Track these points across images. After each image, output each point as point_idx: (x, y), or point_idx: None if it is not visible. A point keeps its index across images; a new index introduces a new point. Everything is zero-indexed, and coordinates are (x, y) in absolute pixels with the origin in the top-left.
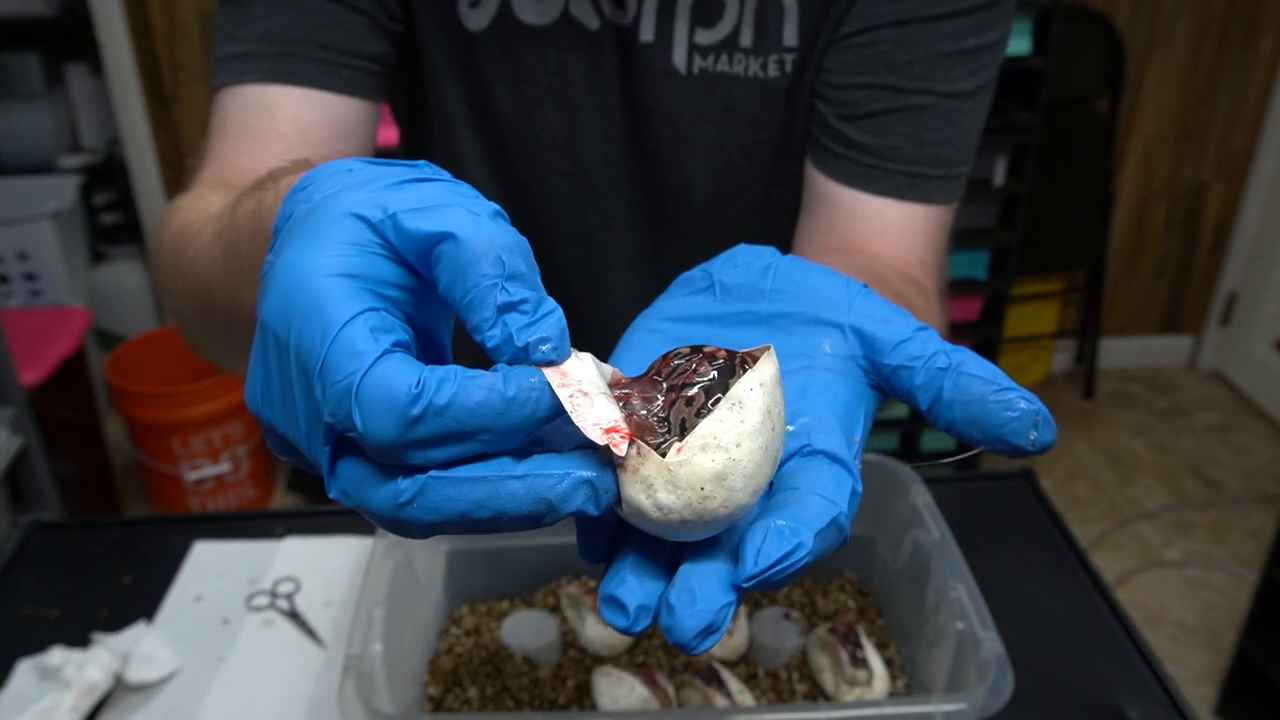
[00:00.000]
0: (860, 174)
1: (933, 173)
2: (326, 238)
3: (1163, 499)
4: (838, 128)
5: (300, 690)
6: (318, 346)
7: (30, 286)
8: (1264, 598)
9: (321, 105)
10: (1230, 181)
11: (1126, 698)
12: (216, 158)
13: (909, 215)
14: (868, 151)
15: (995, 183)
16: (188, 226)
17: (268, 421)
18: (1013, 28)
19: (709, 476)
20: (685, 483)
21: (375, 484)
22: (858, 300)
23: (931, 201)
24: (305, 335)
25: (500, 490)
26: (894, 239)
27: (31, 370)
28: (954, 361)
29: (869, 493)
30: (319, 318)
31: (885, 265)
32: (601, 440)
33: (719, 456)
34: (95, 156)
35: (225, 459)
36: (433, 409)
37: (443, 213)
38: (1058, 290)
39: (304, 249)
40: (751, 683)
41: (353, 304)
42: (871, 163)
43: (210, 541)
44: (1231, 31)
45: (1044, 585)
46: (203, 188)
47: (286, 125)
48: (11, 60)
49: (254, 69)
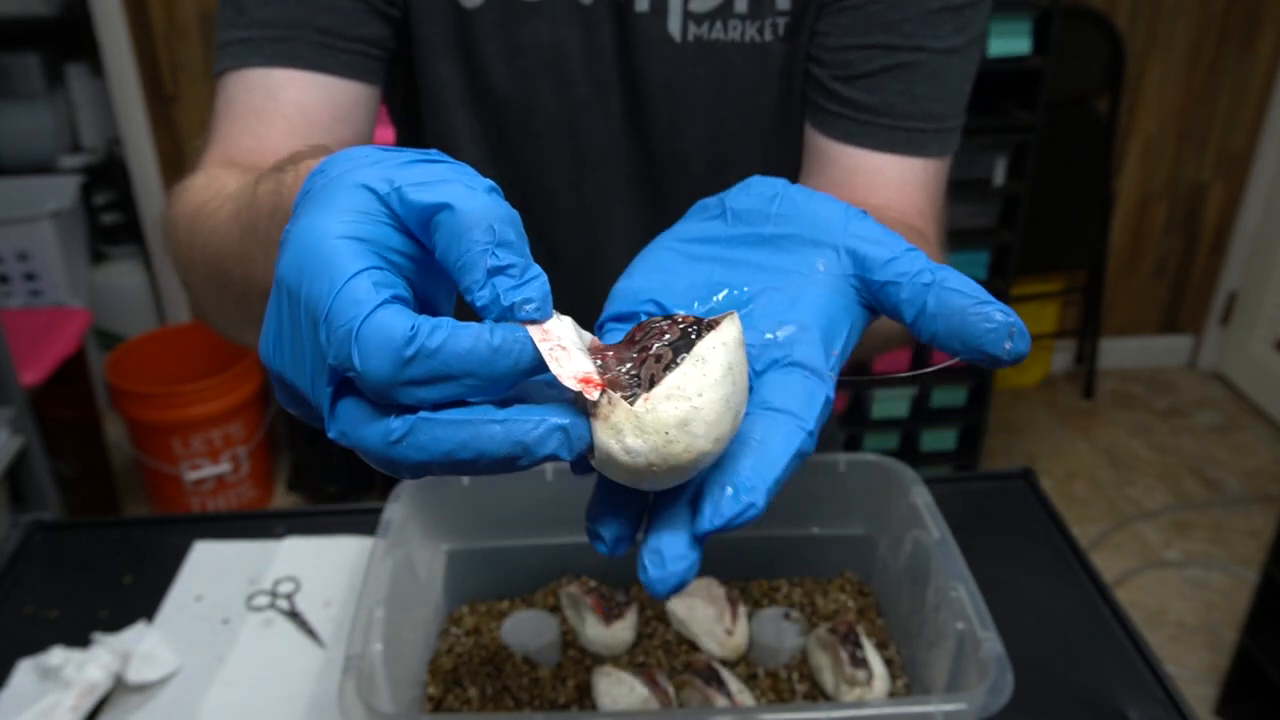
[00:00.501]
0: (857, 130)
1: (926, 126)
2: (339, 205)
3: (1162, 499)
4: (834, 89)
5: (300, 690)
6: (325, 298)
7: (30, 286)
8: (1264, 598)
9: (323, 88)
10: (1230, 181)
11: (1126, 697)
12: (222, 139)
13: (907, 169)
14: (864, 109)
15: (995, 183)
16: (205, 204)
17: (278, 370)
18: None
19: (673, 423)
20: (651, 428)
21: (370, 422)
22: (854, 223)
23: (927, 154)
24: (314, 288)
25: (482, 432)
26: (894, 192)
27: (32, 370)
28: (938, 277)
29: (869, 493)
30: (328, 273)
31: (886, 216)
32: (576, 387)
33: (682, 405)
34: (95, 156)
35: (225, 459)
36: (424, 351)
37: (442, 186)
38: (1058, 290)
39: (318, 215)
40: (751, 683)
41: (358, 261)
42: (867, 119)
43: (210, 541)
44: (1231, 31)
45: (1044, 585)
46: (213, 168)
47: (290, 107)
48: (12, 60)
49: (256, 53)
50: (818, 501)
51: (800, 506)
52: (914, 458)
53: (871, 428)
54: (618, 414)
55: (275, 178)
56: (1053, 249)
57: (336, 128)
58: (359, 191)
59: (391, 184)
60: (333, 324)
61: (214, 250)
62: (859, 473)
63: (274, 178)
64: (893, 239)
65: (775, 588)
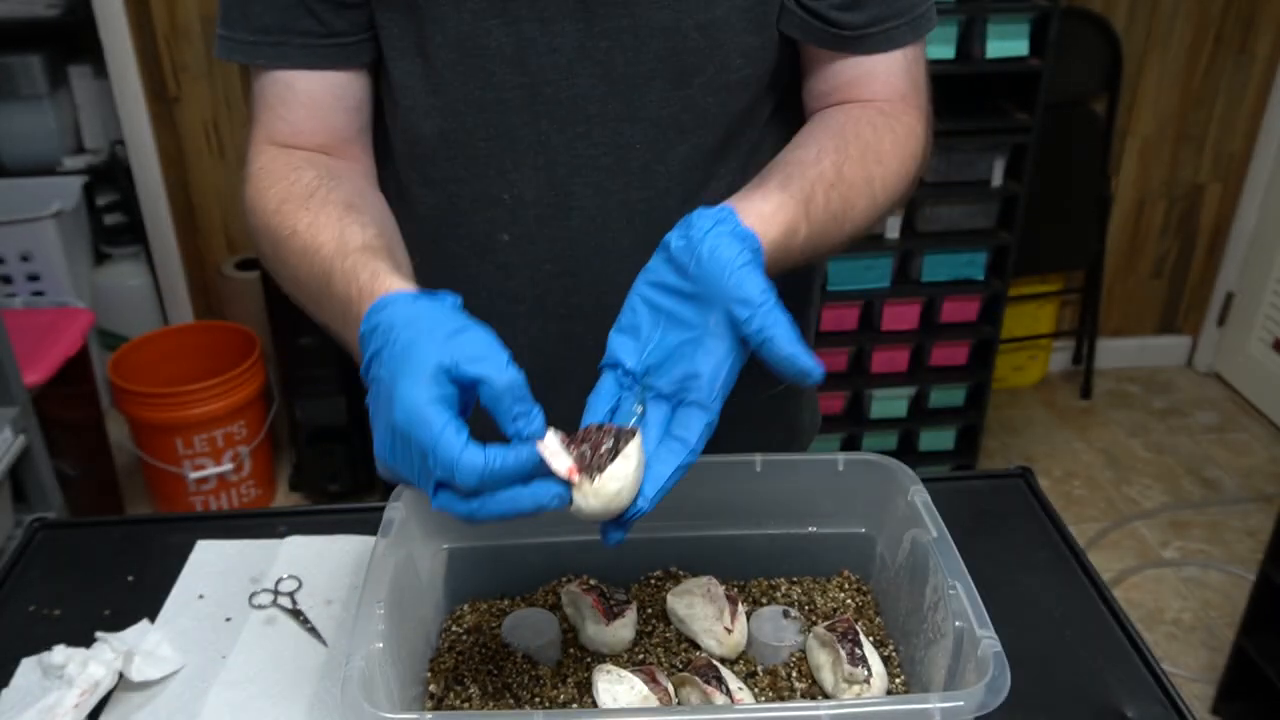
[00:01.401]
0: (847, 42)
1: (900, 21)
2: (422, 377)
3: (1160, 498)
4: (831, 16)
5: (302, 688)
6: (428, 442)
7: (33, 287)
8: (1260, 597)
9: (321, 79)
10: (1227, 182)
11: (1124, 696)
12: (263, 124)
13: (889, 62)
14: (850, 27)
15: (993, 183)
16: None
17: (392, 467)
18: None
19: (612, 493)
20: (601, 496)
21: (459, 502)
22: (733, 282)
23: (905, 44)
24: (420, 435)
25: (520, 501)
26: (880, 85)
27: (34, 370)
28: (768, 336)
29: (867, 492)
30: (427, 427)
31: (866, 116)
32: (565, 475)
33: (616, 482)
34: (98, 157)
35: (227, 458)
36: (490, 470)
37: (481, 364)
38: (1055, 290)
39: (410, 385)
40: (751, 681)
41: (443, 416)
42: (853, 34)
43: (213, 540)
44: (1229, 33)
45: (1042, 584)
46: (272, 151)
47: (303, 96)
48: (15, 61)
49: (259, 55)
50: (817, 500)
51: (799, 505)
52: (912, 457)
53: (870, 427)
54: (584, 488)
55: (344, 290)
56: (1051, 249)
57: (342, 113)
58: (433, 368)
59: (452, 360)
60: (437, 458)
61: (290, 282)
62: (858, 472)
63: (343, 288)
64: (759, 294)
65: (774, 586)
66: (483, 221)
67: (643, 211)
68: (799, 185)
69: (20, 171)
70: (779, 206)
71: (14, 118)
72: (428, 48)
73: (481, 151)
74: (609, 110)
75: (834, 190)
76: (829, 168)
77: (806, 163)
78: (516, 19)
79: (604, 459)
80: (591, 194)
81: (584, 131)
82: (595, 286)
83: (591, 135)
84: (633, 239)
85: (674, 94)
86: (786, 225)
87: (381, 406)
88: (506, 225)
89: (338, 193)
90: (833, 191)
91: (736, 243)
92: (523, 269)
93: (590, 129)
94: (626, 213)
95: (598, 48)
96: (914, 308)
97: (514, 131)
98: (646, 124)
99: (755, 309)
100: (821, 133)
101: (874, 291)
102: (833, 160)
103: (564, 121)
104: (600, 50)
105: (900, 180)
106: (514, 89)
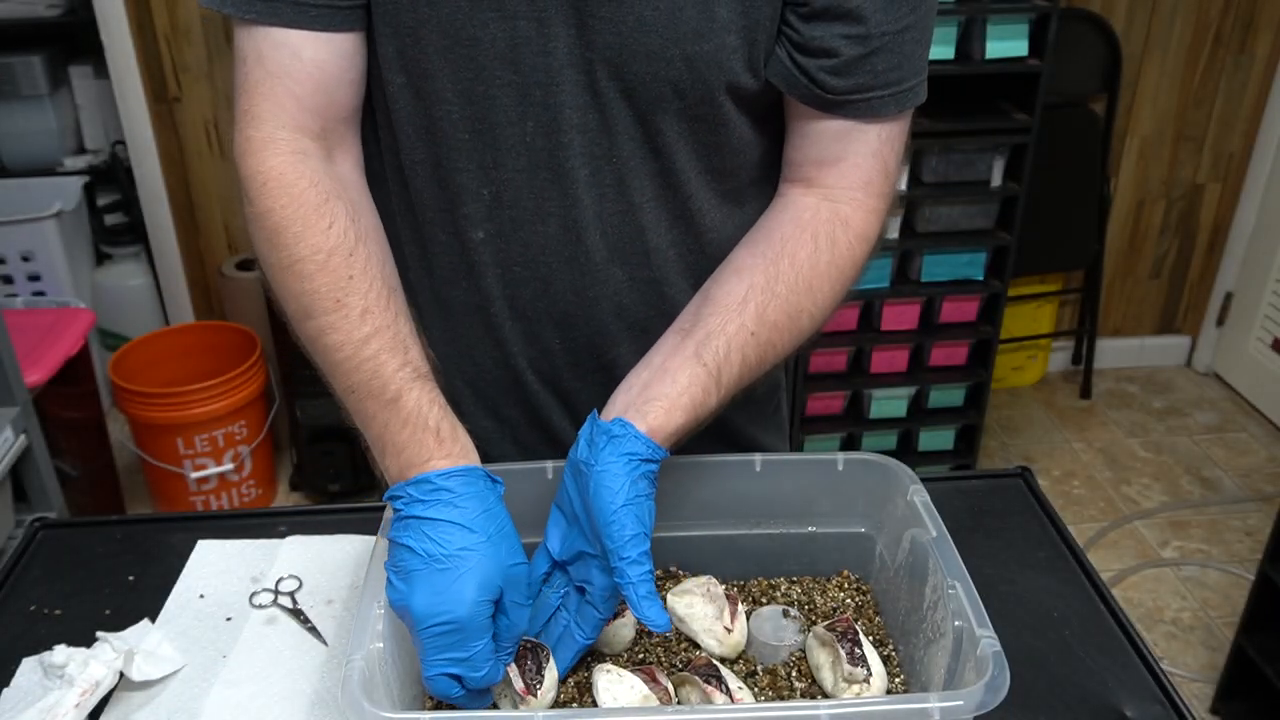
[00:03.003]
0: (828, 104)
1: (886, 93)
2: (486, 591)
3: (1159, 498)
4: (819, 78)
5: (303, 687)
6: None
7: (34, 287)
8: (1259, 596)
9: (329, 47)
10: (1226, 183)
11: (1123, 695)
12: (265, 94)
13: (862, 143)
14: (834, 91)
15: (992, 184)
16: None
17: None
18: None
19: (546, 703)
20: (542, 703)
21: (450, 687)
22: (609, 530)
23: (886, 116)
24: (468, 635)
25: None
26: (848, 168)
27: (35, 370)
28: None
29: (867, 492)
30: (479, 634)
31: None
32: (522, 694)
33: (549, 693)
34: (99, 157)
35: (228, 458)
36: (488, 683)
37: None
38: (1055, 290)
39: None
40: (750, 680)
41: (489, 632)
42: (838, 99)
43: (213, 540)
44: (1228, 34)
45: (1041, 583)
46: (283, 151)
47: (311, 65)
48: (16, 61)
49: (250, 8)
50: (816, 500)
51: (799, 505)
52: (912, 457)
53: (870, 427)
54: (530, 703)
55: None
56: (1050, 250)
57: (345, 79)
58: (494, 588)
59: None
60: (472, 662)
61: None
62: (857, 472)
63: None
64: (624, 547)
65: (774, 586)
66: (459, 216)
67: (615, 225)
68: (714, 349)
69: (21, 171)
70: (685, 387)
71: (15, 118)
72: (420, 30)
73: (465, 144)
74: (589, 121)
75: (754, 340)
76: (751, 317)
77: (730, 310)
78: (513, 15)
79: (536, 681)
80: (568, 203)
81: (566, 140)
82: (564, 294)
83: (572, 145)
84: (605, 253)
85: (653, 116)
86: (692, 406)
87: (431, 571)
88: (482, 222)
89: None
90: (751, 342)
91: (622, 474)
92: (494, 267)
93: (572, 138)
94: (600, 225)
95: (584, 59)
96: (913, 308)
97: (499, 129)
98: (625, 139)
99: (620, 562)
100: (758, 259)
101: (873, 291)
102: (757, 304)
103: (548, 126)
104: (586, 62)
105: (833, 304)
106: (503, 86)
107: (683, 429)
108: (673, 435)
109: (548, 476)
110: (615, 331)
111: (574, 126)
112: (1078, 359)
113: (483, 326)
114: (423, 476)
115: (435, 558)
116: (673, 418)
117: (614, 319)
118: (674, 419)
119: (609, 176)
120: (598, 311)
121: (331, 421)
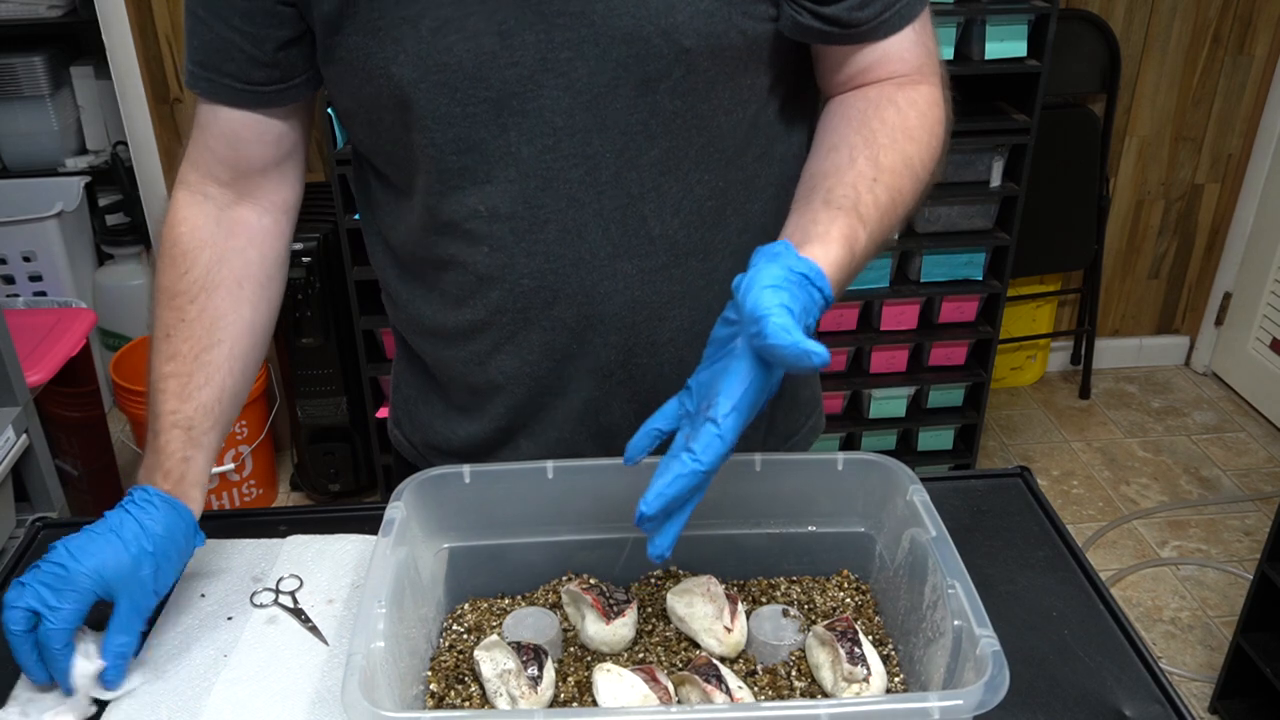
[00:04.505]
0: (863, 35)
1: (899, 3)
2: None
3: (1158, 497)
4: (846, 17)
5: (304, 686)
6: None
7: (35, 287)
8: (1258, 595)
9: (242, 118)
10: (1225, 183)
11: (1122, 694)
12: (193, 141)
13: (901, 39)
14: (865, 22)
15: (992, 184)
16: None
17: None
18: None
19: (545, 702)
20: (537, 704)
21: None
22: (750, 303)
23: (915, 17)
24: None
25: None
26: (896, 63)
27: (36, 370)
28: (768, 343)
29: (867, 491)
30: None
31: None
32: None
33: (546, 695)
34: (100, 158)
35: (229, 458)
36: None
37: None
38: (1054, 291)
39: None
40: (750, 679)
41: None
42: (864, 30)
43: (214, 539)
44: (1226, 34)
45: (1040, 583)
46: (188, 190)
47: (225, 127)
48: (17, 62)
49: (196, 85)
50: (816, 500)
51: (799, 504)
52: (911, 457)
53: (869, 426)
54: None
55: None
56: (1049, 250)
57: (258, 141)
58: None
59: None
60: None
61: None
62: (857, 471)
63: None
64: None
65: (774, 585)
66: (461, 235)
67: (617, 220)
68: (843, 194)
69: (22, 172)
70: (830, 222)
71: (16, 118)
72: (390, 67)
73: (453, 165)
74: (575, 121)
75: (877, 184)
76: (865, 165)
77: (842, 167)
78: (475, 34)
79: (536, 681)
80: (565, 205)
81: (552, 144)
82: (575, 298)
83: (560, 147)
84: (610, 249)
85: (640, 100)
86: (844, 238)
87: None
88: (484, 239)
89: (206, 319)
90: (877, 185)
91: (775, 272)
92: (502, 282)
93: (558, 140)
94: (601, 223)
95: (559, 59)
96: (913, 308)
97: (483, 145)
98: (615, 133)
99: (759, 320)
100: (845, 128)
101: (873, 291)
102: (866, 155)
103: (531, 134)
104: (562, 61)
105: (934, 151)
106: (479, 103)
107: (840, 262)
108: (834, 264)
109: (548, 476)
110: (631, 326)
111: (558, 130)
112: (1077, 359)
113: (500, 344)
114: (140, 487)
115: (102, 532)
116: (830, 250)
117: (628, 314)
118: (831, 252)
119: (604, 173)
120: (610, 309)
121: (332, 421)
